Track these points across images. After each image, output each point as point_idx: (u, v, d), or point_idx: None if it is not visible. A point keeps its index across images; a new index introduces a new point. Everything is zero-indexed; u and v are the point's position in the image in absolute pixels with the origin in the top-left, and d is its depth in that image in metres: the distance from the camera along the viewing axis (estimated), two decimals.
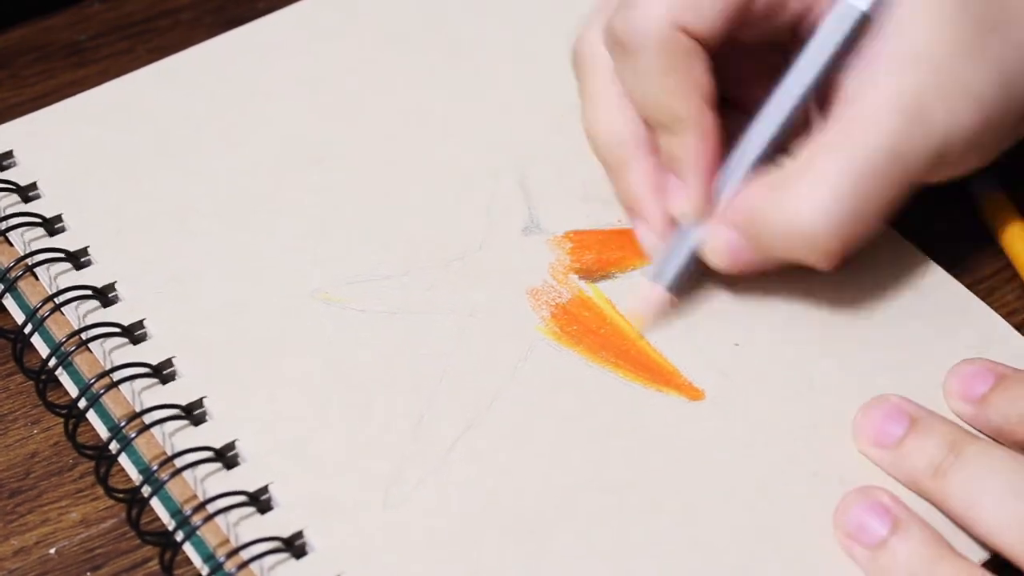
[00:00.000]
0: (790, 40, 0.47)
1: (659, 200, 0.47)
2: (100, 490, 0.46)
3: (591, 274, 0.49)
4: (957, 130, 0.44)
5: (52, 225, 0.50)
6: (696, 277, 0.48)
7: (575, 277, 0.49)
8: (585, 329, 0.47)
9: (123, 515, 0.45)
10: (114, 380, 0.45)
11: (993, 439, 0.43)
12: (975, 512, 0.41)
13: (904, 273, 0.49)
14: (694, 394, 0.46)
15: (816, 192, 0.43)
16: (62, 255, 0.48)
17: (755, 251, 0.45)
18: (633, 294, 0.47)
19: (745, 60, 0.48)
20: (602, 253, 0.49)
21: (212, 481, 0.43)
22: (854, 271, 0.48)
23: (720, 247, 0.46)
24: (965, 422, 0.44)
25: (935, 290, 0.48)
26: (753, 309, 0.48)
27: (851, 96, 0.44)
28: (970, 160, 0.46)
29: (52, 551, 0.45)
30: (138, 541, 0.45)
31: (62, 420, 0.47)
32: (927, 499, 0.42)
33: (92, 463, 0.46)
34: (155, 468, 0.44)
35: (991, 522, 0.40)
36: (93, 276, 0.48)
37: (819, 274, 0.47)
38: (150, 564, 0.44)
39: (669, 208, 0.47)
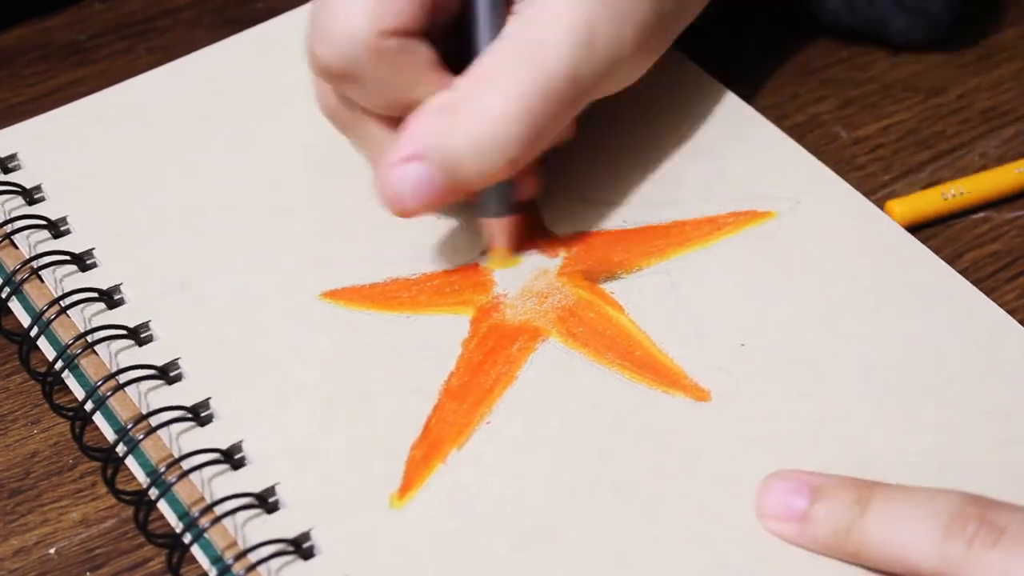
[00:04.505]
0: None
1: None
2: (100, 490, 0.46)
3: (596, 276, 0.49)
4: (622, 53, 0.47)
5: (57, 227, 0.50)
6: (701, 278, 0.48)
7: (580, 279, 0.49)
8: (591, 331, 0.47)
9: (124, 515, 0.45)
10: (120, 382, 0.45)
11: (823, 554, 0.42)
12: (900, 562, 0.41)
13: (910, 271, 0.49)
14: (700, 395, 0.46)
15: (503, 104, 0.45)
16: (67, 257, 0.48)
17: (441, 174, 0.45)
18: (493, 238, 0.49)
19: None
20: (607, 254, 0.49)
21: (219, 482, 0.43)
22: (858, 269, 0.49)
23: (408, 184, 0.45)
24: (789, 542, 0.43)
25: (942, 287, 0.49)
26: (758, 309, 0.48)
27: (527, 18, 0.46)
28: (629, 78, 0.49)
29: (52, 551, 0.45)
30: (138, 541, 0.45)
31: (62, 420, 0.47)
32: (848, 562, 0.42)
33: (92, 463, 0.46)
34: (163, 470, 0.44)
35: (918, 567, 0.40)
36: (99, 278, 0.48)
37: (825, 273, 0.47)
38: (150, 564, 0.44)
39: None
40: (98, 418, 0.46)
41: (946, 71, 0.58)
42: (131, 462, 0.45)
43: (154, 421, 0.45)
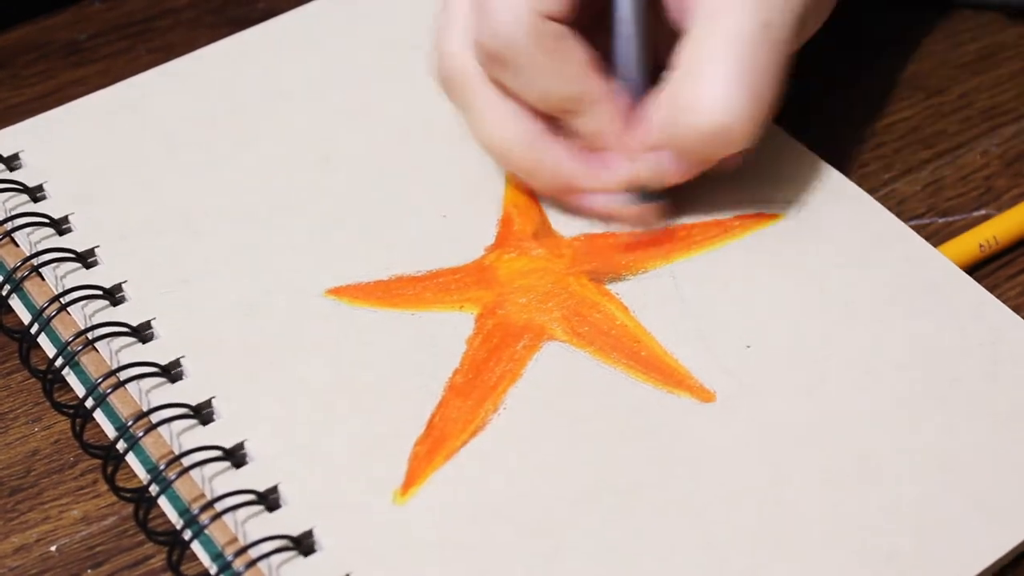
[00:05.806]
0: None
1: (593, 166, 0.49)
2: (101, 487, 0.46)
3: (602, 276, 0.49)
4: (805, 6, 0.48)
5: (60, 226, 0.50)
6: (707, 280, 0.48)
7: (586, 279, 0.49)
8: (596, 331, 0.47)
9: (124, 512, 0.45)
10: (121, 379, 0.45)
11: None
12: None
13: (915, 271, 0.49)
14: (705, 396, 0.46)
15: (715, 88, 0.46)
16: (69, 255, 0.48)
17: (684, 160, 0.48)
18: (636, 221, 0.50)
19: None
20: (614, 256, 0.49)
21: (220, 480, 0.43)
22: (864, 270, 0.49)
23: (654, 170, 0.48)
24: None
25: (946, 286, 0.49)
26: (764, 311, 0.48)
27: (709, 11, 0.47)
28: (815, 24, 0.50)
29: (53, 549, 0.45)
30: (139, 538, 0.45)
31: (63, 418, 0.47)
32: None
33: (93, 460, 0.46)
34: (163, 467, 0.44)
35: None
36: (101, 276, 0.48)
37: (831, 274, 0.48)
38: (151, 561, 0.44)
39: (615, 178, 0.49)
40: (99, 415, 0.46)
41: (947, 70, 0.58)
42: (132, 459, 0.45)
43: (155, 419, 0.44)
